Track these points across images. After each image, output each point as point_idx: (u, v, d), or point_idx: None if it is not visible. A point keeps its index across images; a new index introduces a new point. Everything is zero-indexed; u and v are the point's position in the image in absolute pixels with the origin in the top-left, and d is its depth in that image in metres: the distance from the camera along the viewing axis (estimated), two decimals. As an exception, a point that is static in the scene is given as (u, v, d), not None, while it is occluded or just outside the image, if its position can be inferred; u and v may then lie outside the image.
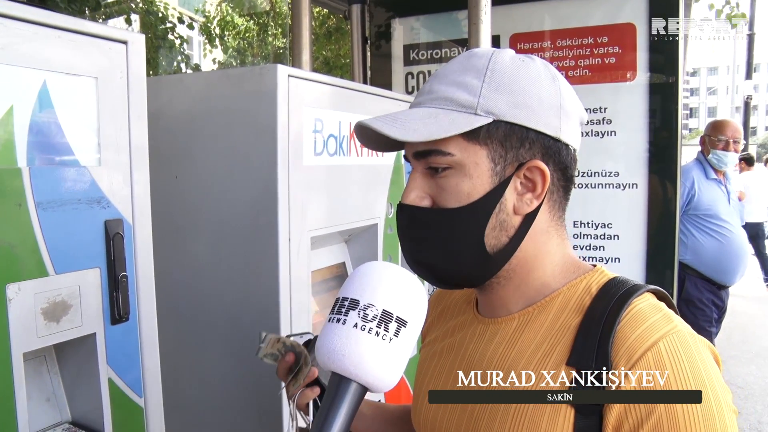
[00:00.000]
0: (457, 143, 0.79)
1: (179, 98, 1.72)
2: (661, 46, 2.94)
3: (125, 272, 1.16)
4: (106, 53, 1.12)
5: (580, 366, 0.76)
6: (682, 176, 3.51)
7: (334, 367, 0.69)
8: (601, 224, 3.06)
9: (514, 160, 0.81)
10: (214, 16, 8.81)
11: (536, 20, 3.19)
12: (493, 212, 0.81)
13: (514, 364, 0.82)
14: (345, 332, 0.69)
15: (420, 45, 3.50)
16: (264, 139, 1.57)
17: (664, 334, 0.74)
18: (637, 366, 0.72)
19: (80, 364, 1.15)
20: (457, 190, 0.80)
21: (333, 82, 1.82)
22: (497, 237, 0.82)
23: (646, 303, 0.80)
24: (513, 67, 0.81)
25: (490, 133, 0.79)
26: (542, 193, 0.82)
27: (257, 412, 1.68)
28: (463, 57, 0.84)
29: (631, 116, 3.00)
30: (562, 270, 0.87)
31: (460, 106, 0.80)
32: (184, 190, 1.72)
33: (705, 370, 0.72)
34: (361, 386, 0.70)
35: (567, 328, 0.80)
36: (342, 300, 0.72)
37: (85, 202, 1.09)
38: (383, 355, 0.69)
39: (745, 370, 5.30)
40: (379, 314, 0.70)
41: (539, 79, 0.82)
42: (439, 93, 0.82)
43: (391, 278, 0.73)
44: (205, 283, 1.72)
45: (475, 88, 0.80)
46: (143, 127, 1.20)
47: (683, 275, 3.58)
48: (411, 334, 0.72)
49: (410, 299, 0.73)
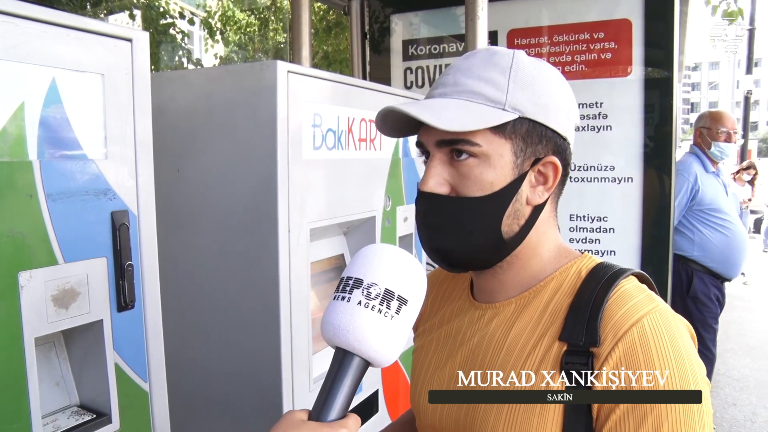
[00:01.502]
0: (484, 135, 0.84)
1: (181, 94, 1.76)
2: (656, 42, 2.97)
3: (131, 261, 1.20)
4: (111, 50, 1.16)
5: (570, 340, 0.82)
6: (683, 171, 3.53)
7: (338, 342, 0.74)
8: (597, 218, 3.10)
9: (532, 155, 0.87)
10: (215, 10, 8.84)
11: (533, 16, 3.22)
12: (512, 202, 0.86)
13: (512, 344, 0.88)
14: (350, 309, 0.73)
15: (419, 40, 3.54)
16: (264, 133, 1.61)
17: (647, 312, 0.80)
18: (623, 339, 0.78)
19: (88, 350, 1.19)
20: (481, 179, 0.85)
21: (331, 77, 1.86)
22: (510, 225, 0.87)
23: (631, 284, 0.86)
24: (533, 69, 0.88)
25: (515, 128, 0.85)
26: (553, 186, 0.89)
27: (257, 399, 1.72)
28: (485, 54, 0.89)
29: (626, 111, 3.04)
30: (556, 256, 0.93)
31: (489, 101, 0.85)
32: (187, 184, 1.76)
33: (683, 346, 0.79)
34: (364, 361, 0.74)
35: (560, 309, 0.87)
36: (347, 279, 0.77)
37: (93, 194, 1.13)
38: (385, 331, 0.73)
39: (741, 362, 5.36)
40: (382, 293, 0.74)
41: (554, 82, 0.89)
42: (467, 86, 0.86)
43: (393, 259, 0.78)
44: (206, 274, 1.76)
45: (502, 84, 0.85)
46: (147, 121, 1.24)
47: (690, 272, 3.57)
48: (411, 312, 0.77)
49: (411, 279, 0.77)
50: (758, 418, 4.37)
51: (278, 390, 1.68)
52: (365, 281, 0.75)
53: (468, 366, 0.93)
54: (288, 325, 1.67)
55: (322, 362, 1.91)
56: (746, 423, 4.27)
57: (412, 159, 2.42)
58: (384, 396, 2.24)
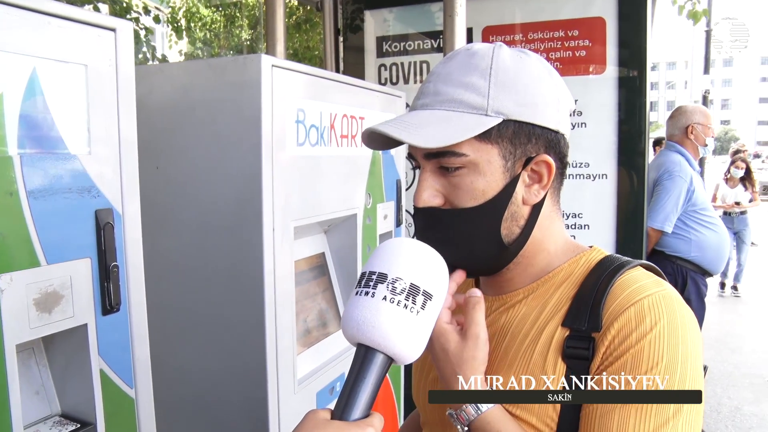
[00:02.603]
0: (469, 143, 0.82)
1: (160, 88, 1.70)
2: (629, 41, 3.01)
3: (116, 262, 1.15)
4: (95, 40, 1.10)
5: (573, 326, 0.82)
6: (679, 172, 3.47)
7: (362, 339, 0.71)
8: (572, 214, 3.12)
9: (522, 155, 0.84)
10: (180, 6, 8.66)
11: (508, 13, 3.23)
12: (507, 207, 0.84)
13: (517, 330, 0.87)
14: (374, 304, 0.71)
15: (392, 37, 3.51)
16: (248, 128, 1.56)
17: (650, 293, 0.80)
18: (618, 318, 0.78)
19: (70, 356, 1.13)
20: (472, 188, 0.83)
21: (315, 72, 1.82)
22: (510, 228, 0.86)
23: (639, 272, 0.86)
24: (514, 65, 0.84)
25: (500, 132, 0.83)
26: (548, 183, 0.87)
27: (242, 401, 1.68)
28: (463, 56, 0.86)
29: (600, 109, 3.06)
30: (564, 249, 0.92)
31: (470, 108, 0.82)
32: (166, 181, 1.70)
33: (683, 327, 0.77)
34: (388, 357, 0.71)
35: (566, 298, 0.86)
36: (369, 274, 0.74)
37: (76, 192, 1.07)
38: (411, 327, 0.71)
39: (707, 355, 5.47)
40: (407, 287, 0.72)
41: (539, 75, 0.86)
42: (447, 95, 0.83)
43: (416, 253, 0.76)
44: (188, 274, 1.71)
45: (483, 89, 0.82)
46: (132, 115, 1.19)
47: (685, 274, 3.51)
48: (436, 307, 0.75)
49: (435, 273, 0.75)
50: (723, 409, 4.48)
51: (263, 392, 1.63)
52: (390, 276, 0.72)
53: None
54: (273, 326, 1.63)
55: (306, 363, 1.88)
56: (712, 414, 4.37)
57: (392, 156, 2.39)
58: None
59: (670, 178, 3.47)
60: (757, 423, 4.27)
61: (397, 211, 2.45)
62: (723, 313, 7.10)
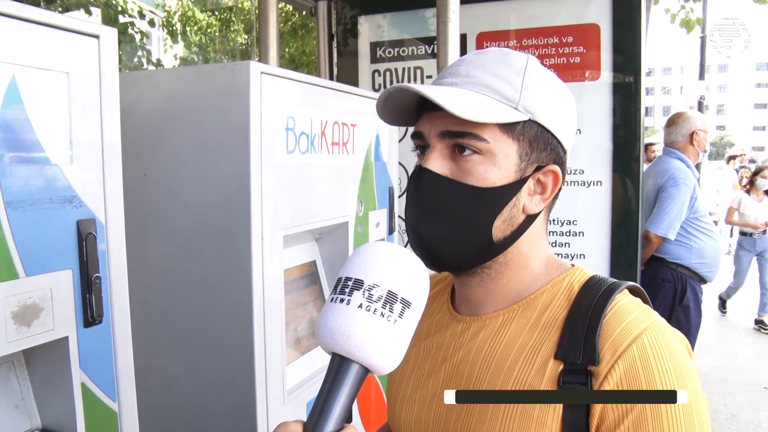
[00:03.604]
0: (492, 132, 0.80)
1: (148, 95, 1.68)
2: (624, 47, 3.00)
3: (98, 273, 1.12)
4: (77, 47, 1.08)
5: (567, 359, 0.79)
6: (685, 180, 3.42)
7: (337, 348, 0.68)
8: (566, 221, 3.11)
9: (536, 161, 0.83)
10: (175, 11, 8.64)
11: (502, 19, 3.22)
12: (508, 204, 0.83)
13: (502, 359, 0.84)
14: (349, 312, 0.67)
15: (386, 43, 3.50)
16: (236, 136, 1.54)
17: (646, 328, 0.78)
18: (623, 357, 0.75)
19: (51, 369, 1.11)
20: (484, 177, 0.81)
21: (305, 79, 1.80)
22: (503, 228, 0.84)
23: (627, 299, 0.84)
24: (545, 76, 0.85)
25: (524, 130, 0.82)
26: (550, 197, 0.86)
27: (230, 412, 1.65)
28: (498, 52, 0.86)
29: (595, 115, 3.05)
30: (546, 268, 0.90)
31: (502, 97, 0.81)
32: (154, 189, 1.68)
33: (683, 363, 0.76)
34: (363, 368, 0.68)
35: (553, 324, 0.83)
36: (345, 279, 0.70)
37: (57, 202, 1.05)
38: (388, 337, 0.68)
39: (702, 362, 5.46)
40: (385, 295, 0.68)
41: (565, 94, 0.86)
42: (480, 79, 0.82)
43: (395, 258, 0.72)
44: (175, 283, 1.69)
45: (516, 84, 0.81)
46: (116, 123, 1.17)
47: (684, 281, 3.48)
48: (414, 316, 0.71)
49: (414, 280, 0.72)
50: (719, 416, 4.46)
51: (252, 402, 1.61)
52: (366, 282, 0.69)
53: (452, 382, 0.88)
54: (261, 335, 1.61)
55: (297, 373, 1.85)
56: (708, 421, 4.34)
57: (384, 163, 2.37)
58: (357, 404, 2.19)
59: (676, 186, 3.43)
60: (753, 430, 4.25)
61: (390, 219, 2.43)
62: (719, 319, 7.09)
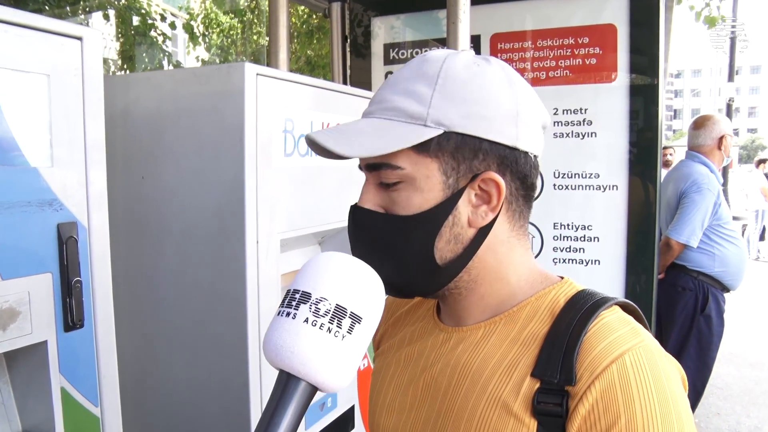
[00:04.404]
0: (407, 156, 0.76)
1: (147, 97, 1.68)
2: (642, 48, 2.92)
3: (79, 277, 1.11)
4: (58, 49, 1.07)
5: (544, 377, 0.74)
6: (708, 185, 3.34)
7: (281, 365, 0.64)
8: (581, 226, 3.04)
9: (468, 171, 0.78)
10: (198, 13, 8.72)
11: (517, 20, 3.16)
12: (445, 225, 0.78)
13: (478, 373, 0.80)
14: (294, 327, 0.64)
15: (400, 44, 3.47)
16: (231, 139, 1.53)
17: (629, 348, 0.72)
18: (600, 378, 0.70)
19: (31, 373, 1.10)
20: (408, 203, 0.77)
21: (304, 80, 1.78)
22: (451, 250, 0.79)
23: (614, 316, 0.78)
24: (466, 73, 0.78)
25: (440, 145, 0.76)
26: (498, 205, 0.79)
27: (224, 422, 1.63)
28: (416, 62, 0.80)
29: (611, 117, 2.97)
30: (529, 280, 0.84)
31: (409, 117, 0.76)
32: (151, 192, 1.67)
33: (670, 389, 0.70)
34: (311, 385, 0.65)
35: (534, 339, 0.78)
36: (293, 292, 0.67)
37: (36, 205, 1.04)
38: (335, 354, 0.64)
39: (725, 371, 5.33)
40: (332, 309, 0.65)
41: (494, 85, 0.78)
42: (390, 103, 0.78)
43: (346, 270, 0.68)
44: (169, 287, 1.67)
45: (425, 97, 0.76)
46: (99, 126, 1.15)
47: (706, 290, 3.40)
48: (365, 332, 0.67)
49: (366, 294, 0.68)
50: (742, 428, 4.34)
51: (246, 411, 1.59)
52: (313, 295, 0.65)
53: (430, 393, 0.85)
54: (256, 341, 1.59)
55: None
56: (730, 432, 4.24)
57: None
58: (360, 411, 2.16)
59: (699, 192, 3.34)
60: (777, 442, 4.14)
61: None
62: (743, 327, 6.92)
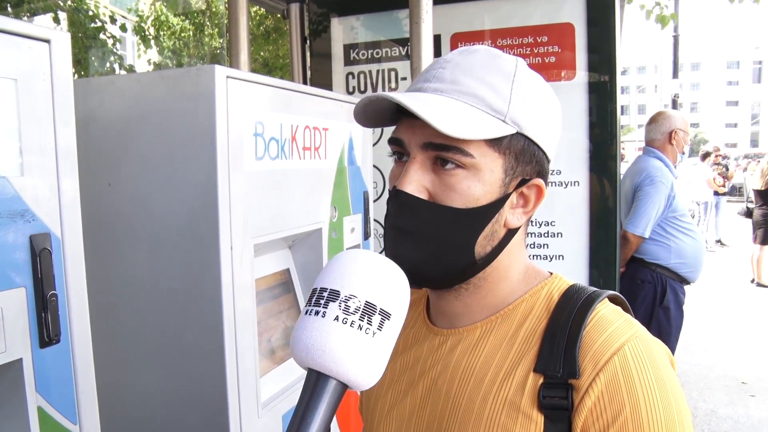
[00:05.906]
0: (479, 146, 0.76)
1: (111, 101, 1.62)
2: (599, 46, 2.99)
3: (54, 291, 1.07)
4: (26, 53, 1.02)
5: (547, 372, 0.76)
6: (661, 178, 3.43)
7: (312, 364, 0.63)
8: (544, 222, 3.09)
9: (520, 175, 0.79)
10: (148, 15, 8.52)
11: (477, 20, 3.20)
12: (491, 221, 0.79)
13: (481, 375, 0.81)
14: (325, 326, 0.63)
15: (360, 45, 3.46)
16: (202, 143, 1.49)
17: (628, 339, 0.75)
18: (604, 370, 0.73)
19: (5, 393, 1.05)
20: (468, 193, 0.77)
21: (273, 83, 1.75)
22: (484, 246, 0.80)
23: (608, 308, 0.81)
24: (534, 82, 0.80)
25: (511, 143, 0.77)
26: (532, 210, 0.82)
27: (202, 429, 1.60)
28: (486, 54, 0.80)
29: (571, 115, 3.03)
30: (524, 278, 0.86)
31: (490, 109, 0.76)
32: (119, 199, 1.62)
33: (666, 375, 0.74)
34: (341, 384, 0.64)
35: (532, 336, 0.80)
36: (320, 290, 0.66)
37: (7, 216, 1.00)
38: (366, 351, 0.63)
39: (681, 358, 5.49)
40: (362, 306, 0.64)
41: (553, 101, 0.82)
42: (468, 87, 0.77)
43: (373, 267, 0.68)
44: (142, 297, 1.63)
45: (505, 93, 0.77)
46: (70, 132, 1.11)
47: (664, 282, 3.48)
48: (394, 328, 0.67)
49: (394, 290, 0.67)
50: (699, 412, 4.49)
51: (225, 417, 1.56)
52: (342, 293, 0.65)
53: (431, 399, 0.85)
54: (233, 347, 1.56)
55: (271, 385, 1.80)
56: (689, 418, 4.36)
57: (358, 167, 2.33)
58: (336, 419, 2.15)
59: (652, 184, 3.43)
60: (732, 426, 4.28)
61: (365, 224, 2.38)
62: (697, 316, 7.15)
